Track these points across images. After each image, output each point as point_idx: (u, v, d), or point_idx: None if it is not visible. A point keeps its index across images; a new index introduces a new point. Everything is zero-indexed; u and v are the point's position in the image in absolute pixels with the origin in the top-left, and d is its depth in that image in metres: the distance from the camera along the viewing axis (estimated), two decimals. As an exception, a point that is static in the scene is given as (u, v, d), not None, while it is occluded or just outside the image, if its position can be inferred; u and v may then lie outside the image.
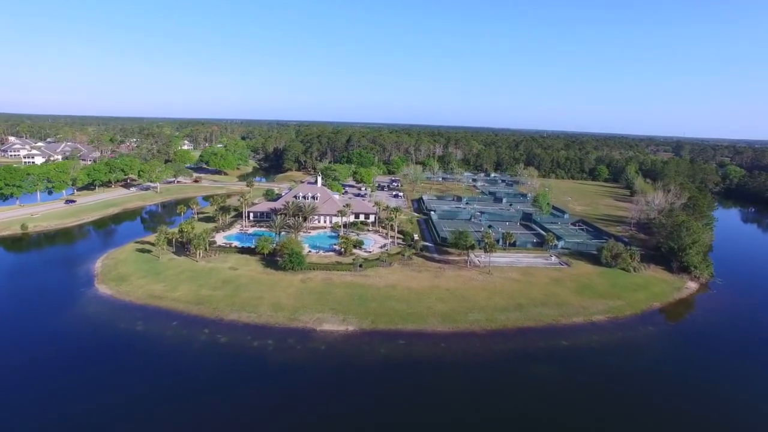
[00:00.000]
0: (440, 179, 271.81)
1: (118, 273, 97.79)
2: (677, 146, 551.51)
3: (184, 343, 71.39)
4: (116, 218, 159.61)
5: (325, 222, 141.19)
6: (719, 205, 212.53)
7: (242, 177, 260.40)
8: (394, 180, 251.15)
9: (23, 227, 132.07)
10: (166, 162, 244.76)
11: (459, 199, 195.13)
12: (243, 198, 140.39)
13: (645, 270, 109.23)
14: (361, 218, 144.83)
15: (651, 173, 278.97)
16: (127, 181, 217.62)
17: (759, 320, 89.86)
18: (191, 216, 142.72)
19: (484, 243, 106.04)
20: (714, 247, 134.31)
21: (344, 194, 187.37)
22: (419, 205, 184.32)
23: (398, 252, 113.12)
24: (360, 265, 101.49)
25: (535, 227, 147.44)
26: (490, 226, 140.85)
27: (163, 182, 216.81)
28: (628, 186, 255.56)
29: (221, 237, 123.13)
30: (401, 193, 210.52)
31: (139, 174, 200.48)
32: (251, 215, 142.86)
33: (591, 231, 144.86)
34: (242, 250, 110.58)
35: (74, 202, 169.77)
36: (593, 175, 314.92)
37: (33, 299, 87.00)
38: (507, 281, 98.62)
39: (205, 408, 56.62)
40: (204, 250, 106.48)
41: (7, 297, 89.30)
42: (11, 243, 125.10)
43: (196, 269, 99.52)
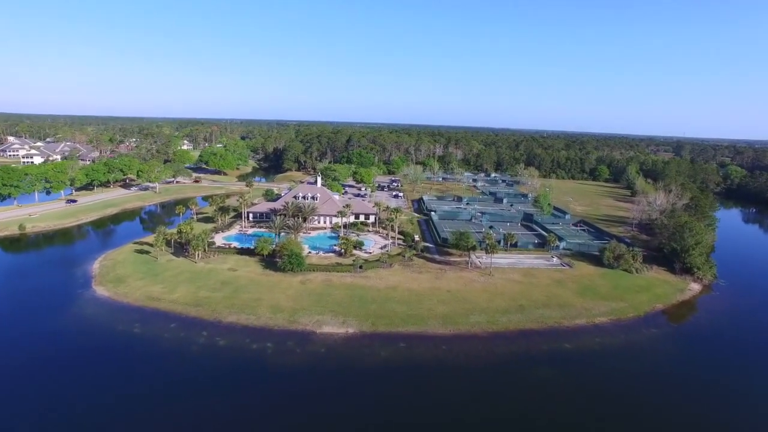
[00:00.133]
0: (440, 179, 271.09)
1: (116, 274, 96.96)
2: (677, 146, 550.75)
3: (182, 346, 70.52)
4: (115, 219, 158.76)
5: (325, 223, 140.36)
6: (720, 206, 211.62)
7: (242, 177, 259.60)
8: (394, 180, 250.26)
9: (21, 228, 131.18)
10: (166, 162, 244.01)
11: (459, 200, 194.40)
12: (242, 198, 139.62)
13: (647, 271, 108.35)
14: (361, 219, 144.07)
15: (652, 173, 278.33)
16: (126, 182, 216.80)
17: (763, 322, 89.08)
18: (190, 216, 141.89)
19: (486, 244, 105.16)
20: (716, 248, 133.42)
21: (344, 194, 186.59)
22: (419, 206, 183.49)
23: (399, 253, 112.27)
24: (360, 267, 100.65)
25: (537, 228, 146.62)
26: (491, 227, 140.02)
27: (162, 182, 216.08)
28: (629, 186, 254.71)
29: (220, 238, 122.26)
30: (401, 194, 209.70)
31: (138, 174, 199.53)
32: (250, 216, 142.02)
33: (592, 232, 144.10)
34: (241, 251, 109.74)
35: (75, 202, 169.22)
36: (594, 176, 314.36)
37: (30, 301, 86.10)
38: (508, 283, 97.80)
39: (204, 411, 55.78)
40: (203, 251, 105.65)
41: (4, 298, 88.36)
42: (9, 244, 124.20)
43: (195, 270, 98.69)
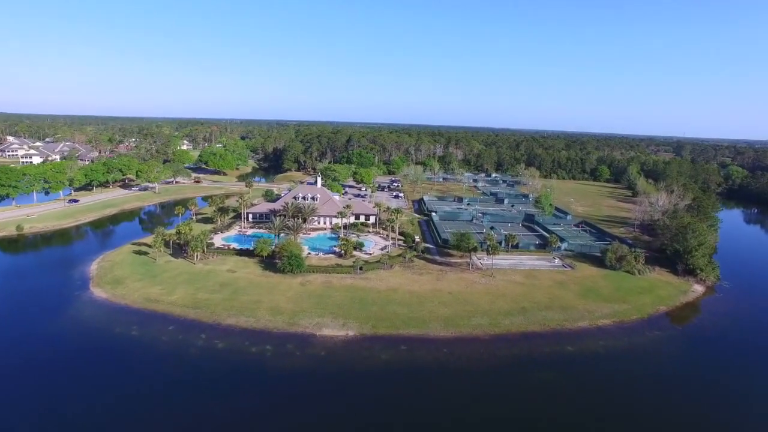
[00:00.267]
0: (441, 180, 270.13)
1: (114, 276, 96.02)
2: (678, 146, 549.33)
3: (181, 349, 69.59)
4: (113, 219, 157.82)
5: (325, 223, 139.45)
6: (722, 206, 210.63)
7: (241, 177, 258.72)
8: (395, 180, 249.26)
9: (18, 228, 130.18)
10: (165, 162, 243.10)
11: (460, 200, 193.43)
12: (242, 199, 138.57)
13: (650, 273, 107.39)
14: (362, 219, 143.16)
15: (653, 174, 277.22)
16: (126, 182, 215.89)
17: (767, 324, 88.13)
18: (189, 217, 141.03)
19: (487, 245, 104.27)
20: (718, 249, 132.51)
21: (344, 195, 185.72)
22: (420, 206, 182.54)
23: (399, 254, 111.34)
24: (360, 268, 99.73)
25: (538, 229, 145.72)
26: (492, 228, 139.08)
27: (162, 183, 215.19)
28: (630, 187, 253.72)
29: (219, 238, 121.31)
30: (401, 194, 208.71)
31: (137, 174, 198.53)
32: (250, 216, 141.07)
33: (594, 232, 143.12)
34: (241, 252, 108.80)
35: (77, 202, 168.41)
36: (594, 176, 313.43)
37: (26, 302, 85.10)
38: (510, 284, 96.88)
39: (202, 415, 54.87)
40: (202, 252, 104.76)
41: (0, 300, 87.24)
42: (6, 244, 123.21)
43: (194, 272, 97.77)
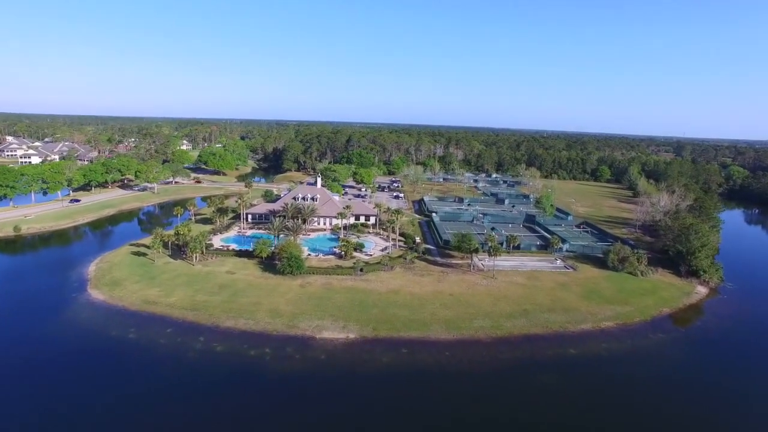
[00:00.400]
0: (441, 180, 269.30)
1: (112, 277, 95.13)
2: (678, 146, 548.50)
3: (179, 352, 68.73)
4: (112, 220, 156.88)
5: (325, 224, 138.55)
6: (723, 207, 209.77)
7: (241, 177, 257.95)
8: (395, 181, 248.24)
9: (16, 229, 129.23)
10: (164, 162, 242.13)
11: (461, 201, 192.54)
12: (241, 199, 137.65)
13: (653, 274, 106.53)
14: (362, 220, 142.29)
15: (654, 174, 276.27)
16: (124, 182, 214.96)
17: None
18: (188, 218, 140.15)
19: (489, 246, 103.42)
20: (720, 250, 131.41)
21: (344, 195, 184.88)
22: (420, 207, 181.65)
23: (400, 255, 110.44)
24: (361, 269, 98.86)
25: (539, 229, 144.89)
26: (493, 229, 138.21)
27: (161, 183, 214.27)
28: (631, 187, 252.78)
29: (218, 239, 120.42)
30: (402, 194, 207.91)
31: (136, 174, 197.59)
32: (249, 217, 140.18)
33: (595, 233, 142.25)
34: (240, 254, 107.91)
35: (78, 201, 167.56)
36: (595, 176, 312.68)
37: (23, 304, 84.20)
38: (512, 286, 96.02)
39: (200, 419, 54.03)
40: (200, 254, 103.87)
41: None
42: (3, 245, 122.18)
43: (192, 273, 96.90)
